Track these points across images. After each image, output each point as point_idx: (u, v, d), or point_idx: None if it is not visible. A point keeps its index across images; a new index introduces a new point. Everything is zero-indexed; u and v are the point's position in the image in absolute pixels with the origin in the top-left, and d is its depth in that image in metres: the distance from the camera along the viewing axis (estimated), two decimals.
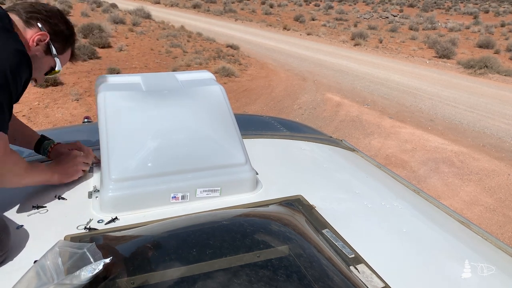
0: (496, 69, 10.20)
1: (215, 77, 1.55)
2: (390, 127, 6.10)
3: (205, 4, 26.51)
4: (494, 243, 1.13)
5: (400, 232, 1.11)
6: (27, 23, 1.12)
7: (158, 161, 1.15)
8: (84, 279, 0.73)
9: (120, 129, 1.19)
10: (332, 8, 29.79)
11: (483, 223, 3.70)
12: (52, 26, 1.15)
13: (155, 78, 1.45)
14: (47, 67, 1.21)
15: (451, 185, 4.42)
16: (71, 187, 1.23)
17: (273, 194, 1.25)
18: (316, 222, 1.10)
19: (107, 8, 18.19)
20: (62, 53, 1.21)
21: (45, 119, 5.24)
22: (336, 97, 7.45)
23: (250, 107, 6.66)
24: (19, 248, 0.96)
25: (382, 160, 4.86)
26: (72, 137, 1.73)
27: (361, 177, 1.45)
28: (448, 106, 7.38)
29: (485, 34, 18.01)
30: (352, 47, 14.06)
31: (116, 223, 1.07)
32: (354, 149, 1.83)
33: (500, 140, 5.87)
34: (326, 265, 0.90)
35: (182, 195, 1.16)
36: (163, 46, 10.69)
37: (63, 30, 1.18)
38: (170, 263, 0.85)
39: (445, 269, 0.97)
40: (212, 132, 1.25)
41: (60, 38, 1.18)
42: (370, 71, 9.91)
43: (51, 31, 1.15)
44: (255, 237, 0.96)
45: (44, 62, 1.19)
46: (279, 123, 2.10)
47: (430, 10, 31.00)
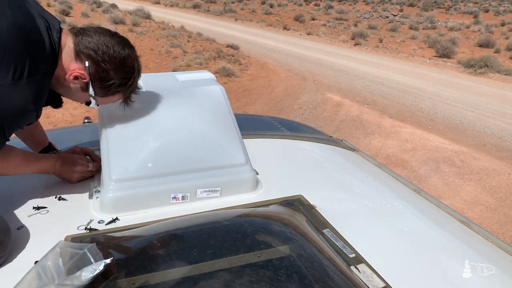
0: (497, 68, 10.19)
1: (215, 77, 1.55)
2: (390, 126, 6.10)
3: (205, 4, 26.51)
4: (495, 243, 1.13)
5: (401, 232, 1.11)
6: (77, 55, 1.05)
7: (159, 161, 1.15)
8: (85, 279, 0.73)
9: (121, 130, 1.19)
10: (332, 8, 29.78)
11: (483, 222, 3.70)
12: (100, 71, 1.06)
13: (155, 79, 1.45)
14: (82, 100, 1.14)
15: (452, 185, 4.41)
16: (71, 187, 1.23)
17: (274, 194, 1.25)
18: (317, 222, 1.10)
19: (107, 8, 18.20)
20: (103, 97, 1.12)
21: (46, 120, 5.24)
22: (336, 97, 7.45)
23: (250, 107, 6.66)
24: (20, 248, 0.96)
25: (382, 160, 4.86)
26: (72, 137, 1.73)
27: (362, 177, 1.45)
28: (449, 105, 7.37)
29: (485, 33, 18.00)
30: (352, 46, 14.06)
31: (116, 223, 1.07)
32: (355, 149, 1.83)
33: (500, 139, 5.86)
34: (326, 265, 0.90)
35: (183, 196, 1.16)
36: (163, 46, 10.69)
37: (110, 79, 1.07)
38: (171, 263, 0.85)
39: (446, 268, 0.97)
40: (212, 132, 1.25)
41: (104, 85, 1.08)
42: (370, 71, 9.90)
43: (96, 75, 1.06)
44: (255, 237, 0.96)
45: (80, 96, 1.12)
46: (279, 123, 2.10)
47: (430, 10, 30.98)
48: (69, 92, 1.11)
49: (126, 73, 1.09)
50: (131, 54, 1.09)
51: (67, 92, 1.12)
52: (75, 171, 1.24)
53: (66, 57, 1.05)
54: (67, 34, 1.07)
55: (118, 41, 1.08)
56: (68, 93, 1.13)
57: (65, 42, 1.06)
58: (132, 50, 1.11)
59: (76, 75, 1.05)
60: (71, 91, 1.11)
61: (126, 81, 1.10)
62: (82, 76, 1.05)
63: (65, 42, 1.06)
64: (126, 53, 1.08)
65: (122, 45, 1.08)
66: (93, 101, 1.12)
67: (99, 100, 1.12)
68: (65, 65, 1.06)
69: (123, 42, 1.09)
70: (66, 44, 1.05)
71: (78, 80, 1.06)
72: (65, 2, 17.27)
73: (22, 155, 1.14)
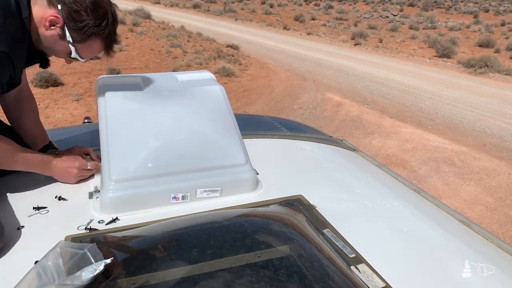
0: (497, 68, 10.19)
1: (215, 77, 1.55)
2: (390, 126, 6.10)
3: (205, 4, 26.50)
4: (495, 243, 1.13)
5: (401, 232, 1.11)
6: (50, 2, 1.07)
7: (159, 161, 1.16)
8: (85, 279, 0.73)
9: (121, 130, 1.19)
10: (332, 8, 29.78)
11: (483, 222, 3.70)
12: (72, 12, 1.07)
13: (156, 79, 1.45)
14: (64, 52, 1.15)
15: (452, 185, 4.41)
16: (71, 187, 1.23)
17: (274, 194, 1.25)
18: (317, 222, 1.10)
19: None
20: (81, 42, 1.12)
21: (46, 120, 5.24)
22: (336, 97, 7.45)
23: (251, 107, 6.66)
24: (20, 248, 0.96)
25: (382, 160, 4.86)
26: (72, 137, 1.73)
27: (362, 177, 1.45)
28: (449, 105, 7.37)
29: (485, 33, 17.99)
30: (352, 46, 14.06)
31: (116, 223, 1.07)
32: (355, 148, 1.83)
33: (500, 139, 5.86)
34: (326, 265, 0.90)
35: (183, 196, 1.16)
36: (163, 46, 10.68)
37: (84, 20, 1.08)
38: (171, 263, 0.85)
39: (446, 268, 0.97)
40: (212, 132, 1.25)
41: (79, 27, 1.08)
42: (370, 71, 9.90)
43: (69, 17, 1.07)
44: (255, 237, 0.95)
45: (60, 45, 1.12)
46: (279, 123, 2.10)
47: (430, 10, 30.98)
48: (50, 43, 1.12)
49: (98, 13, 1.10)
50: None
51: (48, 43, 1.12)
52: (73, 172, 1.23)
53: (40, 7, 1.08)
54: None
55: None
56: (49, 46, 1.14)
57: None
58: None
59: (51, 20, 1.07)
60: (50, 42, 1.12)
61: (100, 22, 1.10)
62: (56, 20, 1.07)
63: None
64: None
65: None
66: (73, 49, 1.12)
67: (79, 48, 1.13)
68: (40, 14, 1.08)
69: None
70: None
71: (54, 26, 1.08)
72: None
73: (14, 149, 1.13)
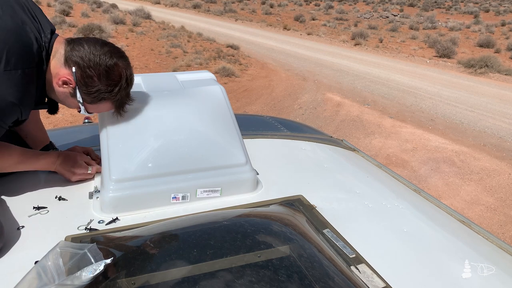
0: (497, 68, 10.18)
1: (215, 77, 1.55)
2: (390, 126, 6.10)
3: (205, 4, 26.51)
4: (495, 243, 1.13)
5: (401, 232, 1.11)
6: (66, 61, 1.09)
7: (159, 161, 1.16)
8: (85, 279, 0.73)
9: (121, 130, 1.19)
10: (332, 8, 29.78)
11: (484, 222, 3.70)
12: (85, 77, 1.08)
13: (156, 79, 1.45)
14: (74, 107, 1.17)
15: (452, 185, 4.41)
16: (71, 187, 1.24)
17: (274, 194, 1.25)
18: (317, 222, 1.10)
19: (107, 8, 18.20)
20: (91, 103, 1.14)
21: (46, 120, 5.24)
22: (337, 97, 7.45)
23: (251, 107, 6.66)
24: (20, 248, 0.96)
25: (382, 160, 4.86)
26: (72, 137, 1.73)
27: (362, 177, 1.45)
28: (449, 105, 7.37)
29: (486, 33, 17.98)
30: (352, 46, 14.06)
31: (116, 223, 1.07)
32: (355, 149, 1.83)
33: (501, 139, 5.86)
34: (327, 265, 0.90)
35: (183, 196, 1.16)
36: (163, 46, 10.69)
37: (96, 86, 1.10)
38: (171, 263, 0.85)
39: (446, 268, 0.97)
40: (212, 132, 1.25)
41: (89, 91, 1.10)
42: (370, 71, 9.90)
43: (82, 81, 1.09)
44: (255, 237, 0.95)
45: (70, 101, 1.15)
46: (279, 123, 2.10)
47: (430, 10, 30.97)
48: (61, 98, 1.16)
49: (111, 81, 1.10)
50: (119, 63, 1.11)
51: (59, 97, 1.16)
52: (74, 172, 1.25)
53: (57, 63, 1.10)
54: (60, 42, 1.12)
55: (108, 50, 1.10)
56: (59, 99, 1.17)
57: (57, 49, 1.11)
58: (122, 60, 1.12)
59: (64, 80, 1.10)
60: (61, 97, 1.15)
61: (111, 89, 1.11)
62: (69, 82, 1.10)
63: (57, 49, 1.11)
64: (113, 61, 1.10)
65: (110, 54, 1.10)
66: (82, 107, 1.15)
67: (88, 107, 1.15)
68: (55, 70, 1.10)
69: (113, 51, 1.11)
70: (58, 51, 1.11)
71: (67, 85, 1.11)
72: (65, 2, 17.27)
73: (19, 153, 1.16)
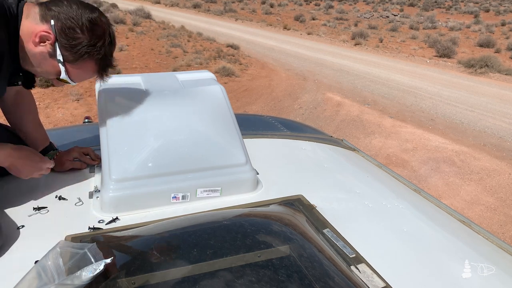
0: (497, 68, 10.18)
1: (215, 77, 1.55)
2: (390, 126, 6.09)
3: (205, 4, 26.50)
4: (495, 243, 1.13)
5: (401, 232, 1.11)
6: (43, 17, 0.98)
7: (159, 161, 1.16)
8: (85, 279, 0.73)
9: (121, 129, 1.19)
10: (332, 8, 29.77)
11: (484, 222, 3.70)
12: (66, 29, 0.97)
13: (156, 78, 1.45)
14: (53, 73, 1.05)
15: (452, 185, 4.41)
16: (71, 187, 1.24)
17: (274, 194, 1.25)
18: (317, 222, 1.10)
19: (107, 8, 18.19)
20: (72, 63, 1.03)
21: (46, 119, 5.24)
22: (337, 97, 7.45)
23: (251, 107, 6.66)
24: (20, 248, 0.96)
25: (382, 160, 4.85)
26: (72, 137, 1.73)
27: (362, 177, 1.45)
28: (449, 105, 7.37)
29: (486, 33, 17.96)
30: (352, 46, 14.05)
31: (116, 223, 1.07)
32: (355, 148, 1.83)
33: (501, 139, 5.86)
34: (327, 265, 0.90)
35: (183, 195, 1.16)
36: (163, 46, 10.68)
37: (78, 38, 0.98)
38: (171, 263, 0.85)
39: (446, 268, 0.97)
40: (212, 132, 1.25)
41: (71, 45, 0.99)
42: (370, 71, 9.90)
43: (63, 34, 0.98)
44: (255, 237, 0.95)
45: (48, 64, 1.03)
46: (279, 122, 2.10)
47: (430, 9, 30.96)
48: (38, 61, 1.02)
49: (95, 32, 0.99)
50: (102, 18, 1.02)
51: (36, 61, 1.02)
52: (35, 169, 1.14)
53: (31, 22, 0.99)
54: (32, 5, 1.01)
55: (89, 6, 1.02)
56: (37, 65, 1.04)
57: (29, 10, 1.00)
58: (104, 17, 1.03)
59: (41, 35, 0.98)
60: (39, 59, 1.02)
61: (96, 41, 1.00)
62: (47, 37, 0.98)
63: (29, 10, 1.00)
64: (95, 14, 1.00)
65: (91, 8, 1.01)
66: (63, 69, 1.02)
67: (70, 69, 1.03)
68: (30, 30, 0.99)
69: (94, 8, 1.03)
70: (31, 11, 1.00)
71: (45, 43, 0.99)
72: None
73: None
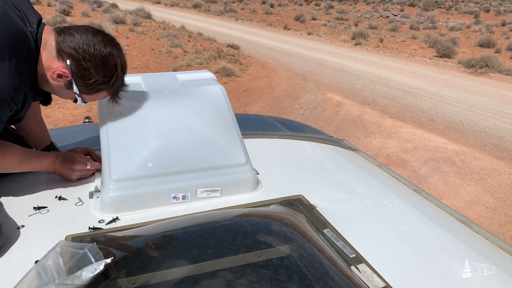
0: (497, 68, 10.17)
1: (215, 77, 1.55)
2: (391, 126, 6.09)
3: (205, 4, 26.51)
4: (495, 243, 1.13)
5: (401, 232, 1.11)
6: (58, 53, 1.05)
7: (159, 161, 1.16)
8: (85, 279, 0.73)
9: (121, 130, 1.19)
10: (332, 8, 29.78)
11: (484, 222, 3.70)
12: (81, 69, 1.06)
13: (156, 78, 1.45)
14: (69, 98, 1.15)
15: (452, 185, 4.41)
16: (71, 187, 1.24)
17: (274, 194, 1.25)
18: (317, 222, 1.10)
19: (107, 8, 18.20)
20: (88, 94, 1.13)
21: (46, 119, 5.22)
22: (337, 97, 7.44)
23: (251, 107, 6.66)
24: (20, 248, 0.96)
25: (383, 160, 4.85)
26: (73, 137, 1.73)
27: (362, 177, 1.45)
28: (449, 105, 7.37)
29: (486, 33, 17.96)
30: (352, 46, 14.05)
31: (117, 223, 1.07)
32: (355, 148, 1.83)
33: (501, 139, 5.86)
34: (327, 265, 0.90)
35: (183, 195, 1.16)
36: (163, 46, 10.68)
37: (92, 77, 1.07)
38: (171, 263, 0.85)
39: (446, 268, 0.97)
40: (212, 132, 1.25)
41: (86, 83, 1.08)
42: (370, 71, 9.90)
43: (78, 74, 1.07)
44: (256, 237, 0.95)
45: (65, 93, 1.13)
46: (279, 122, 2.10)
47: (430, 9, 30.95)
48: (55, 89, 1.13)
49: (108, 71, 1.08)
50: (113, 52, 1.09)
51: (53, 89, 1.13)
52: (74, 169, 1.24)
53: (48, 55, 1.06)
54: (49, 32, 1.07)
55: (101, 39, 1.08)
56: (54, 91, 1.14)
57: (46, 40, 1.06)
58: (115, 48, 1.10)
59: (59, 73, 1.06)
60: (56, 89, 1.12)
61: (109, 79, 1.10)
62: (65, 75, 1.07)
63: (46, 39, 1.06)
64: (107, 51, 1.07)
65: (104, 43, 1.07)
66: (79, 99, 1.13)
67: (85, 97, 1.14)
68: (47, 62, 1.06)
69: (106, 40, 1.09)
70: (48, 42, 1.06)
71: (62, 78, 1.08)
72: (65, 2, 17.27)
73: (21, 152, 1.15)
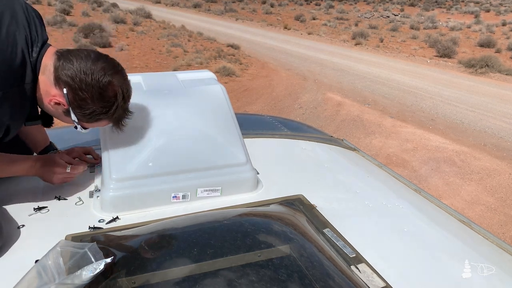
0: (497, 68, 10.17)
1: (216, 76, 1.55)
2: (391, 126, 6.09)
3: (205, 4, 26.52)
4: (495, 243, 1.13)
5: (401, 232, 1.11)
6: (56, 81, 1.01)
7: (159, 160, 1.16)
8: (85, 278, 0.73)
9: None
10: (332, 8, 29.77)
11: (484, 222, 3.70)
12: (77, 99, 1.01)
13: (156, 78, 1.45)
14: (70, 123, 1.10)
15: (452, 185, 4.41)
16: (71, 187, 1.24)
17: (274, 193, 1.25)
18: (317, 222, 1.10)
19: (108, 7, 18.21)
20: (88, 123, 1.09)
21: None
22: (337, 97, 7.44)
23: (251, 106, 6.66)
24: (21, 248, 0.96)
25: (383, 160, 4.85)
26: (73, 137, 1.73)
27: (362, 177, 1.45)
28: (449, 105, 7.37)
29: (486, 33, 17.94)
30: (353, 46, 14.04)
31: (117, 222, 1.07)
32: (355, 148, 1.83)
33: (501, 139, 5.86)
34: (327, 264, 0.90)
35: (183, 195, 1.16)
36: (163, 45, 10.69)
37: (89, 107, 1.03)
38: (171, 262, 0.85)
39: (446, 268, 0.97)
40: (213, 132, 1.25)
41: (84, 113, 1.04)
42: (371, 71, 9.89)
43: (75, 103, 1.02)
44: (256, 236, 0.95)
45: (65, 119, 1.09)
46: (280, 122, 2.10)
47: (431, 9, 30.94)
48: (54, 114, 1.10)
49: (106, 102, 1.03)
50: (113, 81, 1.02)
51: (53, 114, 1.10)
52: (54, 172, 1.18)
53: (46, 80, 1.02)
54: (50, 56, 1.03)
55: (102, 67, 1.01)
56: (54, 115, 1.11)
57: (46, 65, 1.02)
58: (117, 76, 1.04)
59: (55, 101, 1.03)
60: (55, 114, 1.09)
61: (107, 110, 1.04)
62: (61, 103, 1.03)
63: (46, 64, 1.02)
64: (107, 80, 1.01)
65: (104, 71, 1.01)
66: (78, 126, 1.09)
67: (84, 125, 1.09)
68: (45, 88, 1.03)
69: (107, 68, 1.02)
70: (47, 67, 1.02)
71: (59, 105, 1.04)
72: (65, 1, 17.27)
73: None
